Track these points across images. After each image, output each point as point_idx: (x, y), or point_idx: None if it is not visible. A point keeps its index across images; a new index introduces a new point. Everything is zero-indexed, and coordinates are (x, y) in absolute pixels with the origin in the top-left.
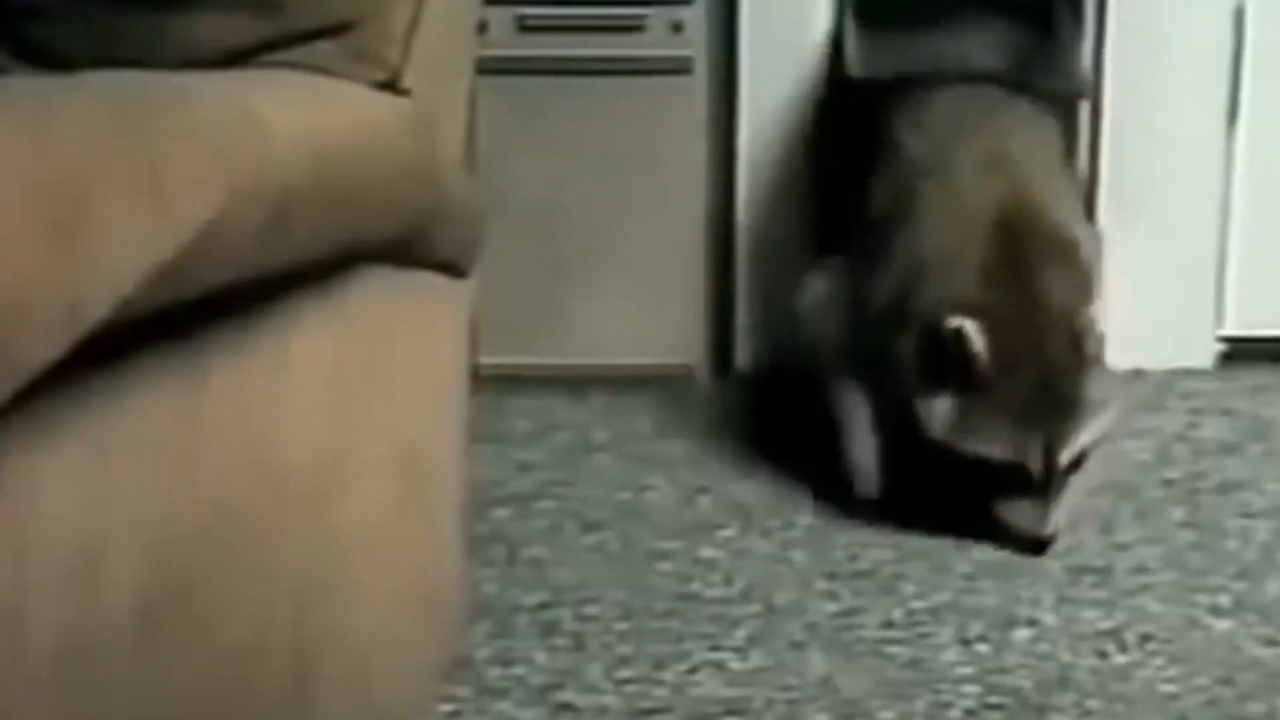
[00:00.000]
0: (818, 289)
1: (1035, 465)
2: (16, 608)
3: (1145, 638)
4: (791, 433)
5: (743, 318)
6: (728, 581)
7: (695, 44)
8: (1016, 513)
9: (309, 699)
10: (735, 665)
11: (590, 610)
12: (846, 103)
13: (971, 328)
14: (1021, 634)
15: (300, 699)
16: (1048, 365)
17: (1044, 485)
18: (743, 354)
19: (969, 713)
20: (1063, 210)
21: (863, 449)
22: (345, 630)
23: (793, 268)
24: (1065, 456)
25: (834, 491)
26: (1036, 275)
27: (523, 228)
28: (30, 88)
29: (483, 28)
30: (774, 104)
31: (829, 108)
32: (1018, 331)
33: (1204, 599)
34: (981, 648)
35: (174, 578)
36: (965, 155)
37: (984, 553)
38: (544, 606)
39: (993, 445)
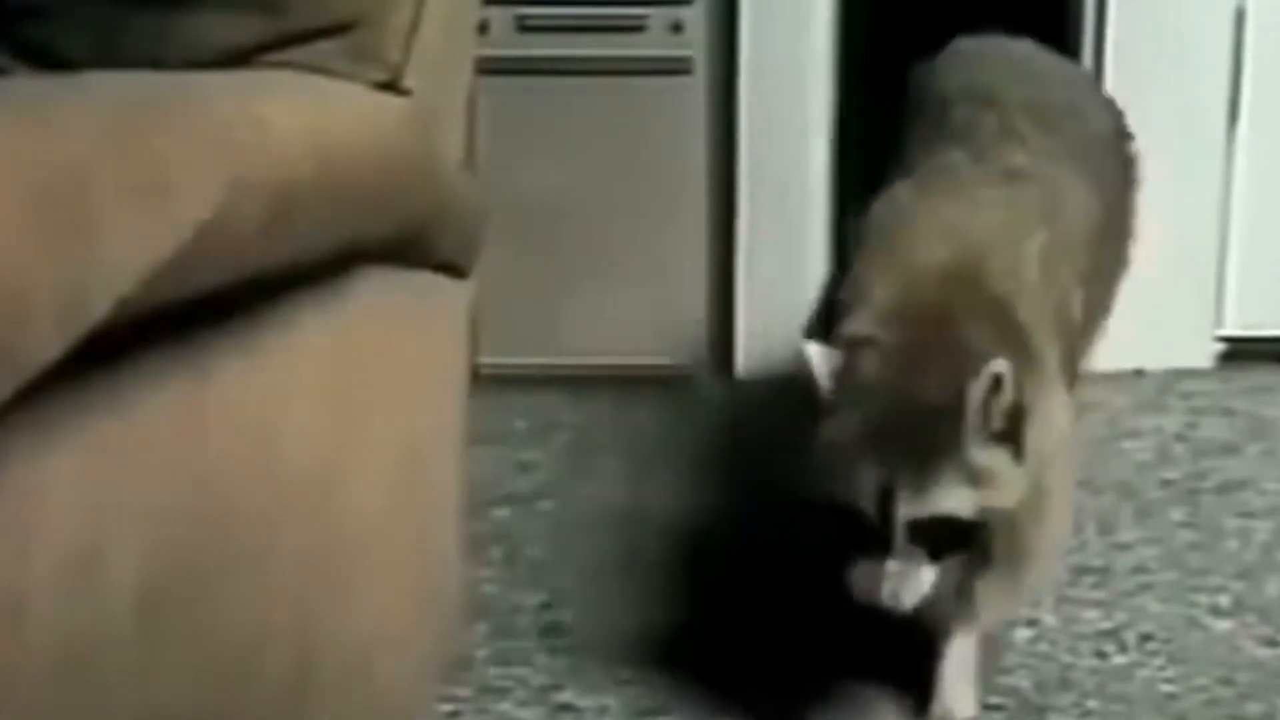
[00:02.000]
0: None
1: (869, 508)
2: (17, 606)
3: (1145, 638)
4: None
5: (743, 318)
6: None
7: (695, 44)
8: (860, 574)
9: (309, 697)
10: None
11: (591, 610)
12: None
13: (815, 350)
14: (1021, 634)
15: (300, 697)
16: (913, 404)
17: (883, 540)
18: (743, 354)
19: None
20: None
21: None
22: (345, 629)
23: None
24: (909, 509)
25: None
26: (951, 323)
27: (523, 228)
28: (30, 88)
29: (483, 28)
30: (774, 104)
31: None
32: (897, 367)
33: (1204, 599)
34: None
35: (175, 577)
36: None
37: None
38: (544, 606)
39: (829, 482)
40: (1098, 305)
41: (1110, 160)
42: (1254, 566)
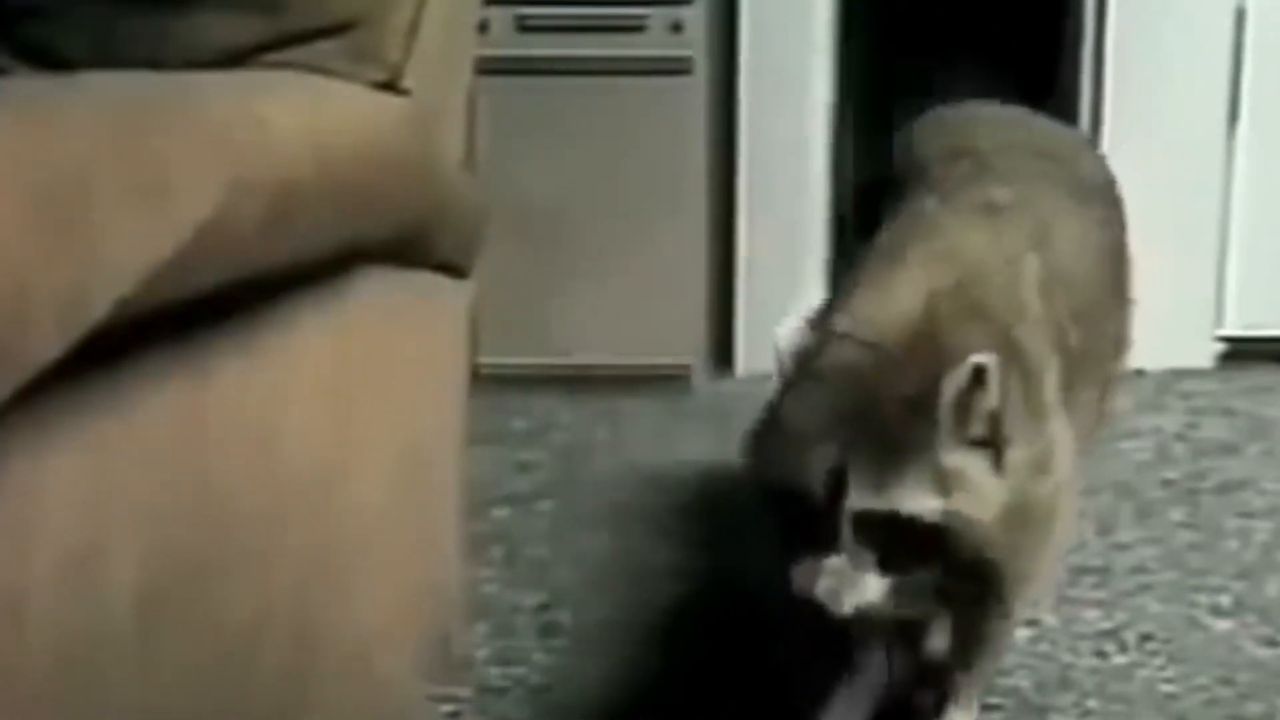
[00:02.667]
0: None
1: (816, 488)
2: (17, 605)
3: (1145, 638)
4: None
5: (743, 318)
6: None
7: (695, 44)
8: (801, 569)
9: (309, 694)
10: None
11: (590, 610)
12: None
13: (784, 329)
14: (1021, 634)
15: (300, 694)
16: (884, 391)
17: (829, 530)
18: (743, 354)
19: None
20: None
21: None
22: (345, 625)
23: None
24: (861, 501)
25: None
26: (940, 335)
27: (523, 228)
28: (30, 88)
29: (483, 28)
30: (774, 104)
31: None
32: (873, 356)
33: (1204, 599)
34: None
35: (175, 576)
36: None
37: None
38: (544, 607)
39: (778, 460)
40: (1105, 341)
41: (1100, 201)
42: (1254, 566)
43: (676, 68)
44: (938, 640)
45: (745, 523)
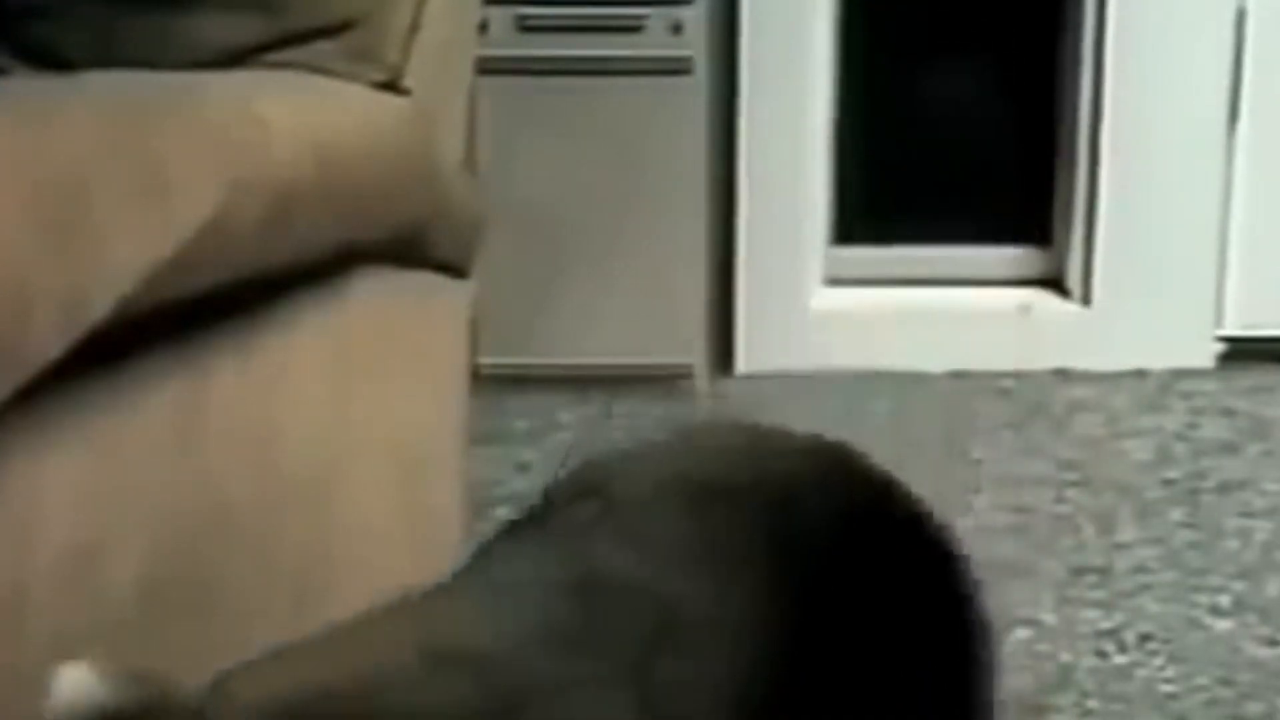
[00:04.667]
0: None
1: None
2: (18, 602)
3: (1145, 637)
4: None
5: (743, 317)
6: None
7: (695, 44)
8: None
9: None
10: None
11: None
12: None
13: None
14: (1021, 634)
15: None
16: None
17: None
18: (743, 353)
19: None
20: None
21: None
22: None
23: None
24: None
25: None
26: None
27: (523, 228)
28: (31, 88)
29: (483, 28)
30: (774, 104)
31: None
32: None
33: (1204, 599)
34: None
35: (175, 572)
36: None
37: (983, 553)
38: None
39: None
40: None
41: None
42: (1254, 566)
43: (676, 68)
44: None
45: None
